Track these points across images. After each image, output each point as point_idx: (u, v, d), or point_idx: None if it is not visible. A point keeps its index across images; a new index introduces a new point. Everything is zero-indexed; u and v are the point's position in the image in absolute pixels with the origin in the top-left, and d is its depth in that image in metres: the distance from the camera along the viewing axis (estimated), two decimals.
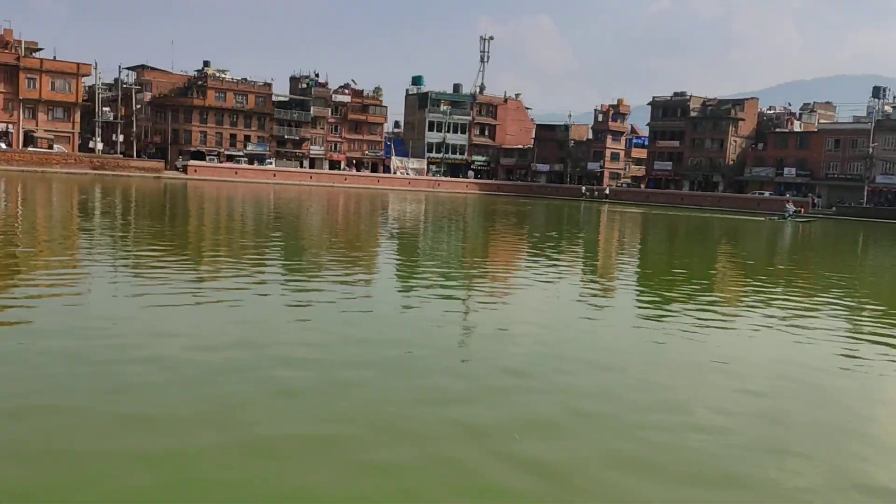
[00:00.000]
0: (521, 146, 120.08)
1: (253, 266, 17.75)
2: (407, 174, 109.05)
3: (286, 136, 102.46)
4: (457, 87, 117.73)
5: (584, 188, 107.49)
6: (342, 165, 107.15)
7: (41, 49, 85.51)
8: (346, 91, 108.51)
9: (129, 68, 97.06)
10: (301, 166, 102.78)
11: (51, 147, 79.48)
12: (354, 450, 6.48)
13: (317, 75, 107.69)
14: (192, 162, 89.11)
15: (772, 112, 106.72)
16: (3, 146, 76.02)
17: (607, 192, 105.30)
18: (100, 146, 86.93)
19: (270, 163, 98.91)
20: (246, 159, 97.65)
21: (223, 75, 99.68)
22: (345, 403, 7.67)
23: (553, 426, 7.35)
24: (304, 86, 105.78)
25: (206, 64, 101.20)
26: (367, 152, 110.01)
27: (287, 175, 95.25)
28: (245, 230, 29.12)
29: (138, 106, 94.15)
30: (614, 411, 7.95)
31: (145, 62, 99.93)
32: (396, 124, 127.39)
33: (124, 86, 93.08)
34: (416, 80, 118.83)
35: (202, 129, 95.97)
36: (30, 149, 77.60)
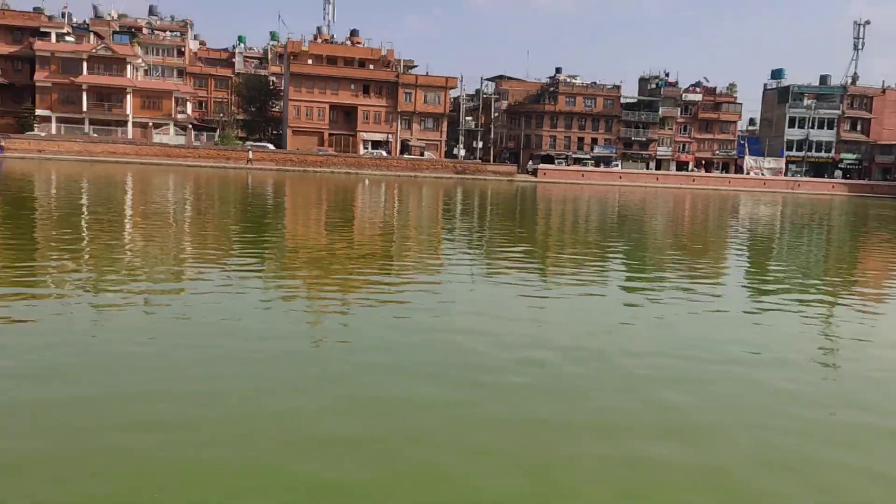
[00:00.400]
0: None
1: (596, 266, 18.24)
2: (761, 174, 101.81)
3: (633, 138, 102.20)
4: (824, 79, 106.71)
5: None
6: (690, 166, 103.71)
7: (416, 66, 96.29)
8: (697, 89, 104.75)
9: (488, 79, 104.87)
10: (647, 168, 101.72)
11: (421, 154, 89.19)
12: (776, 445, 6.51)
13: (667, 75, 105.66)
14: (541, 165, 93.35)
15: None
16: (384, 154, 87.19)
17: None
18: (462, 152, 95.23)
19: (616, 165, 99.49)
20: (592, 162, 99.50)
21: (573, 80, 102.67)
22: (746, 401, 7.67)
23: None
24: (654, 86, 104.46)
25: (558, 70, 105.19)
26: (717, 152, 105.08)
27: (633, 177, 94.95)
28: (589, 230, 29.86)
29: (496, 114, 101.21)
30: None
31: (503, 73, 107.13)
32: (751, 121, 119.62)
33: (484, 96, 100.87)
34: (776, 74, 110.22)
35: (552, 134, 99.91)
36: (405, 156, 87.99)
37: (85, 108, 78.51)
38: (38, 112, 77.62)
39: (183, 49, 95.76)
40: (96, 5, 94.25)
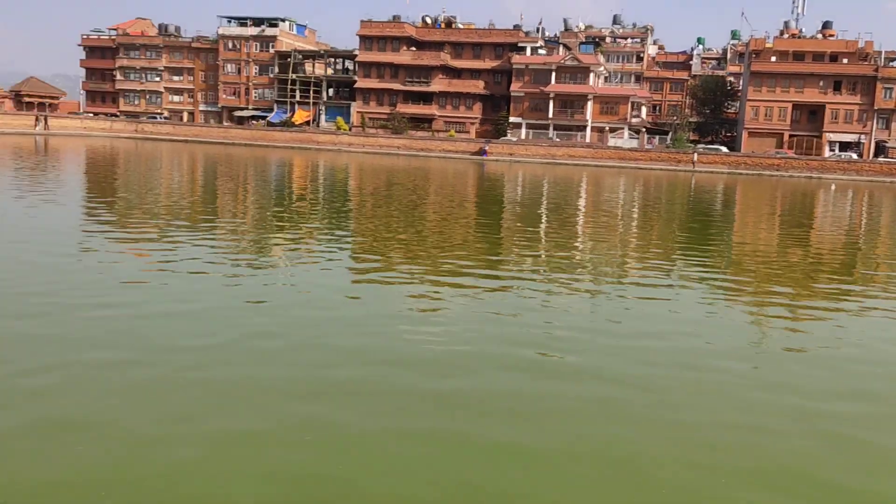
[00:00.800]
0: None
1: None
2: None
3: None
4: None
5: None
6: None
7: None
8: None
9: None
10: None
11: None
12: None
13: None
14: None
15: None
16: (854, 156, 78.00)
17: None
18: None
19: None
20: None
21: None
22: None
23: None
24: None
25: None
26: None
27: None
28: None
29: None
30: None
31: None
32: None
33: None
34: None
35: None
36: (880, 159, 77.53)
37: (550, 115, 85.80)
38: (511, 119, 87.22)
39: (642, 55, 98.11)
40: (566, 19, 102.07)
